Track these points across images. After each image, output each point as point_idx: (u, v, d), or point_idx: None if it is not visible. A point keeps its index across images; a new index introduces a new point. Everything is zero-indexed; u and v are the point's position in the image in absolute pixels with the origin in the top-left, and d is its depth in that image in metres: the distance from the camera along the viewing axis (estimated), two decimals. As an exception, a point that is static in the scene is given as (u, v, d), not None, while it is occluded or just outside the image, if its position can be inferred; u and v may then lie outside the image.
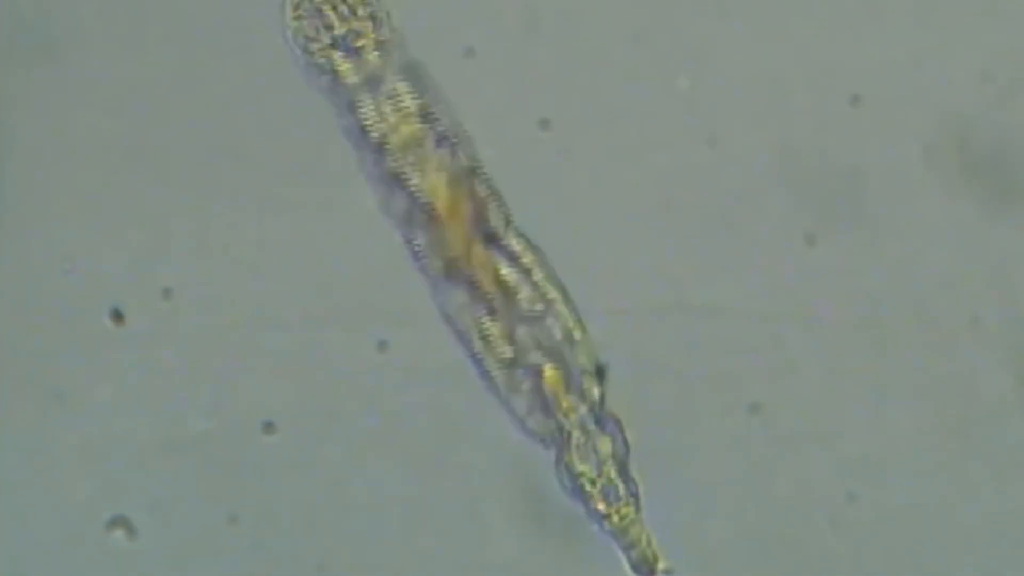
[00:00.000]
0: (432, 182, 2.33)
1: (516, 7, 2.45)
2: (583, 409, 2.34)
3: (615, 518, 2.34)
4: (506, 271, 2.33)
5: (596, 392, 2.35)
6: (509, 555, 2.43)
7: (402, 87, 2.34)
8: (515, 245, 2.34)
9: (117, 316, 2.42)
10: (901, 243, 2.44)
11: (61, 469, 2.43)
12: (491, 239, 2.34)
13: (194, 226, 2.43)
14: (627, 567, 2.37)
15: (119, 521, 2.43)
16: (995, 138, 2.45)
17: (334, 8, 2.34)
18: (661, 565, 2.36)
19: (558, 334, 2.34)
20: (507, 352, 2.33)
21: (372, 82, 2.33)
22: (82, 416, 2.43)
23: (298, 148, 2.43)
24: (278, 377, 2.43)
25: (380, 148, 2.33)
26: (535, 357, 2.34)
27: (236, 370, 2.42)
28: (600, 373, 2.38)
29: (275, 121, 2.43)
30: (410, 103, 2.34)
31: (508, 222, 2.35)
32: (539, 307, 2.33)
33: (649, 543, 2.36)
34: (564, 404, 2.34)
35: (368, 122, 2.33)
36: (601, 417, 2.35)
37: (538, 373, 2.34)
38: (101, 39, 2.45)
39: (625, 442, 2.36)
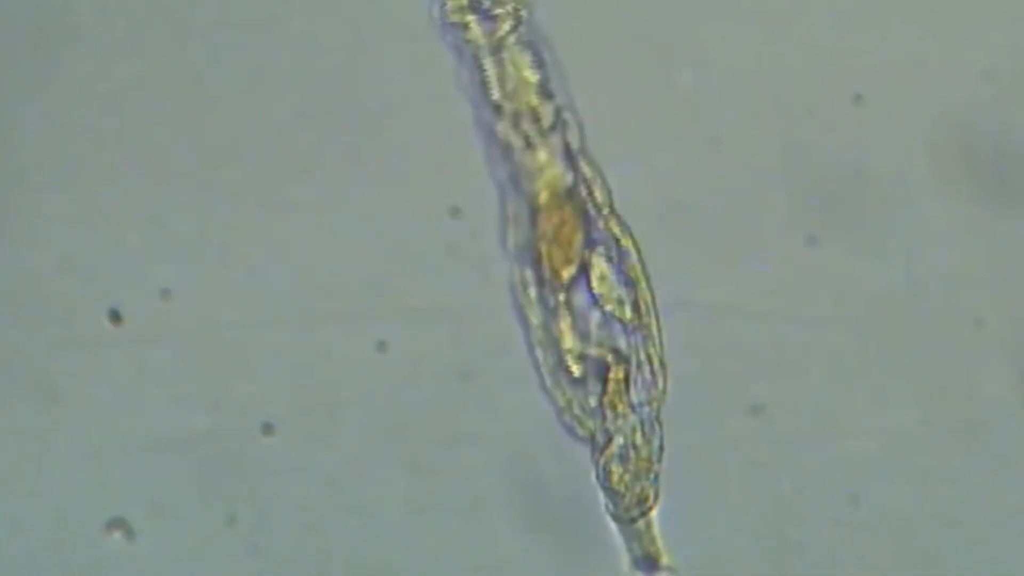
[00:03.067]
0: (540, 164, 2.34)
1: (516, 7, 2.44)
2: (632, 417, 2.35)
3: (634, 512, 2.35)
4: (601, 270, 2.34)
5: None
6: (509, 556, 2.43)
7: (526, 59, 2.35)
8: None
9: (115, 317, 2.42)
10: (903, 243, 2.44)
11: (59, 470, 2.43)
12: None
13: (193, 226, 2.43)
14: (627, 567, 2.37)
15: (117, 523, 2.42)
16: (997, 138, 2.44)
17: None
18: (665, 561, 2.36)
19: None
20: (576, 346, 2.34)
21: (496, 48, 2.34)
22: (80, 417, 2.43)
23: (298, 148, 2.43)
24: (277, 378, 2.43)
25: (497, 109, 2.34)
26: (602, 352, 2.35)
27: (235, 371, 2.42)
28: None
29: (275, 121, 2.43)
30: (531, 74, 2.35)
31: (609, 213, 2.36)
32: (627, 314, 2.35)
33: (654, 541, 2.36)
34: (620, 407, 2.34)
35: (489, 82, 2.34)
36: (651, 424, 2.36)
37: (606, 367, 2.34)
38: (101, 39, 2.45)
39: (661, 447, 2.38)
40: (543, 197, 2.33)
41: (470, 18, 2.32)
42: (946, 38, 2.45)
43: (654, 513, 2.36)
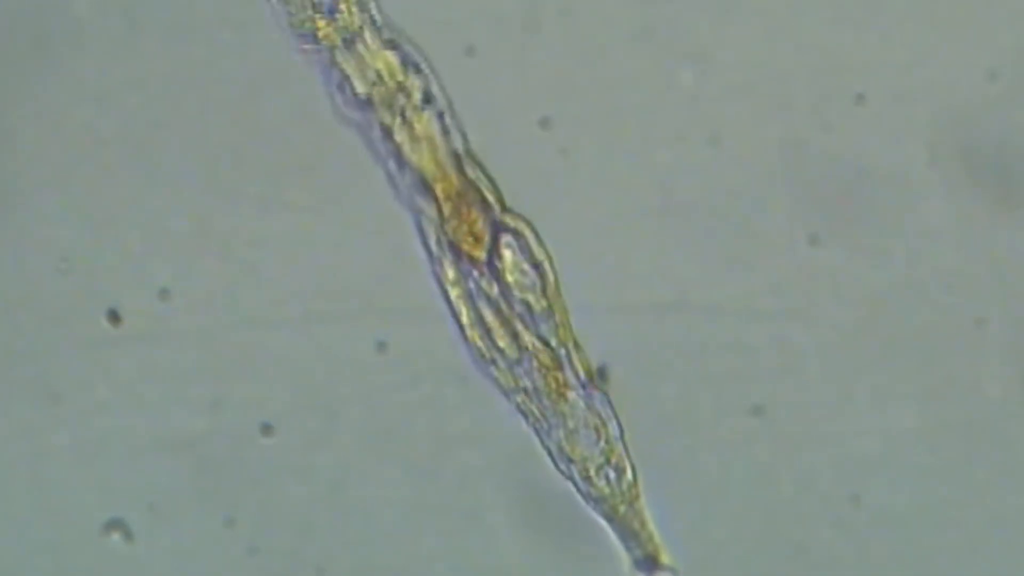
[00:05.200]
0: (421, 151, 2.34)
1: (516, 7, 2.44)
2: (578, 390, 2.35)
3: (620, 507, 2.35)
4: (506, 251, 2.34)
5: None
6: (509, 557, 2.42)
7: (382, 44, 2.35)
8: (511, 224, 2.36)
9: (114, 317, 2.42)
10: (905, 243, 2.43)
11: (57, 471, 2.43)
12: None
13: (192, 226, 2.43)
14: (627, 568, 2.37)
15: (116, 524, 2.42)
16: (1001, 137, 2.44)
17: None
18: (665, 561, 2.35)
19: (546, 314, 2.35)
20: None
21: (350, 40, 2.34)
22: (78, 418, 2.43)
23: (298, 148, 2.43)
24: (276, 379, 2.43)
25: (366, 103, 2.34)
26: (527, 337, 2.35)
27: (234, 371, 2.42)
28: (601, 374, 2.37)
29: (275, 121, 2.43)
30: (394, 59, 2.34)
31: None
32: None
33: (651, 538, 2.36)
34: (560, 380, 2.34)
35: (351, 75, 2.34)
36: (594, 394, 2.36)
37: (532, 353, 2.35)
38: (100, 39, 2.45)
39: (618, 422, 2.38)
40: (430, 169, 2.33)
41: (316, 18, 2.33)
42: (949, 37, 2.44)
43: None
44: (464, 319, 2.36)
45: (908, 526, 2.41)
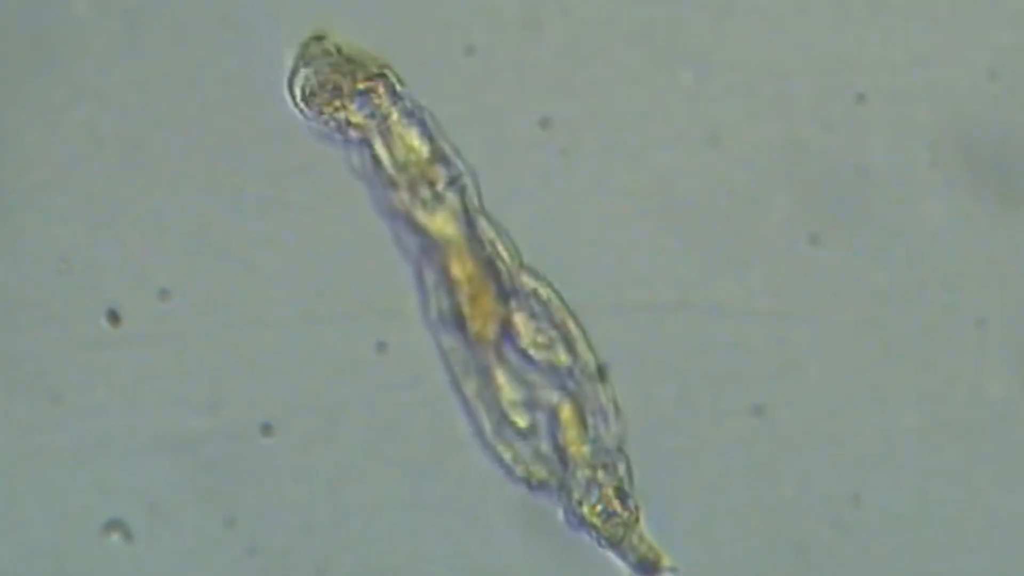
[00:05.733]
0: (440, 227, 2.34)
1: (516, 7, 2.44)
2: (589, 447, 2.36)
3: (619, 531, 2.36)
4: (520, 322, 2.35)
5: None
6: (508, 558, 2.42)
7: (410, 128, 2.36)
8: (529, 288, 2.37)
9: (113, 317, 2.42)
10: (906, 243, 2.43)
11: (57, 471, 2.42)
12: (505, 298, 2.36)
13: (191, 226, 2.43)
14: (628, 569, 2.37)
15: (116, 525, 2.42)
16: (1001, 137, 2.44)
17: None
18: (666, 563, 2.35)
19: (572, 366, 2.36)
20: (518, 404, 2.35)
21: (382, 123, 2.35)
22: (78, 418, 2.42)
23: (297, 148, 2.42)
24: (276, 379, 2.42)
25: (391, 184, 2.35)
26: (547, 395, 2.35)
27: (233, 372, 2.42)
28: (601, 374, 2.37)
29: (274, 121, 2.43)
30: (419, 142, 2.35)
31: (520, 265, 2.37)
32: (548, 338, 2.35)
33: (651, 547, 2.36)
34: (575, 436, 2.35)
35: (380, 157, 2.34)
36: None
37: (554, 411, 2.36)
38: (99, 39, 2.45)
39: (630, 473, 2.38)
40: (451, 258, 2.34)
41: (348, 105, 2.33)
42: (949, 37, 2.44)
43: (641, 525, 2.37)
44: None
45: (908, 526, 2.41)
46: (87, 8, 2.45)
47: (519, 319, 2.35)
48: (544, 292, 2.36)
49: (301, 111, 2.34)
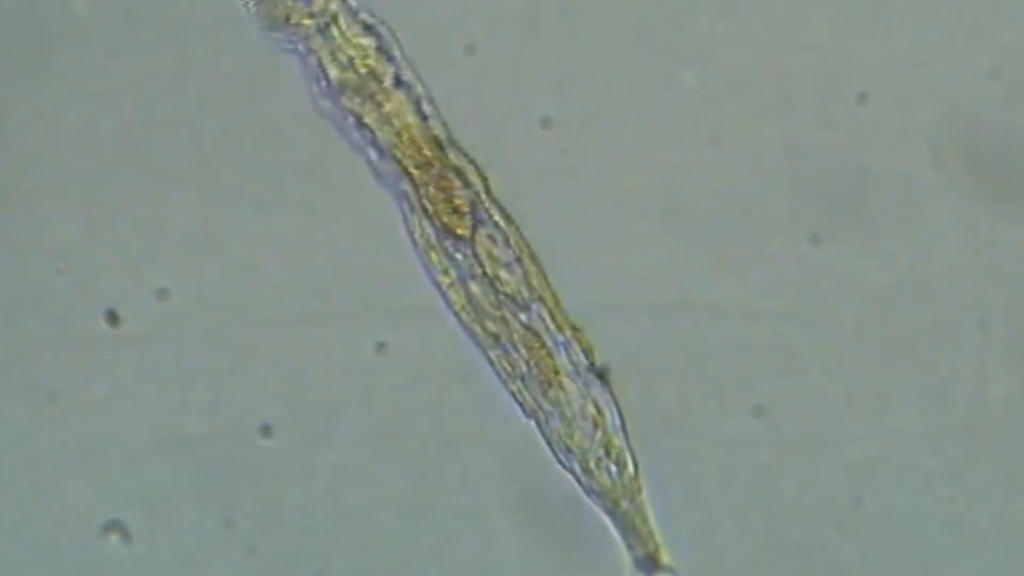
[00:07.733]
0: (396, 107, 2.34)
1: (516, 7, 2.44)
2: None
3: (622, 503, 2.35)
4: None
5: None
6: (509, 558, 2.42)
7: (356, 30, 2.35)
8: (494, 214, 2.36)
9: (112, 318, 2.42)
10: (907, 243, 2.43)
11: (55, 472, 2.42)
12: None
13: (190, 226, 2.43)
14: (628, 569, 2.37)
15: (114, 526, 2.42)
16: (1003, 137, 2.43)
17: None
18: (665, 562, 2.35)
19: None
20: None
21: (326, 26, 2.34)
22: (77, 419, 2.42)
23: (297, 148, 2.43)
24: (275, 379, 2.42)
25: (340, 89, 2.33)
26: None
27: (233, 372, 2.42)
28: (602, 375, 2.37)
29: (273, 121, 2.43)
30: (367, 42, 2.35)
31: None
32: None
33: (652, 536, 2.36)
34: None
35: (325, 61, 2.34)
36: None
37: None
38: (100, 39, 2.45)
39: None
40: (404, 146, 2.33)
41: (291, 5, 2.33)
42: (951, 37, 2.44)
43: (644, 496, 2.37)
44: (456, 304, 2.36)
45: (910, 528, 2.41)
46: (87, 8, 2.45)
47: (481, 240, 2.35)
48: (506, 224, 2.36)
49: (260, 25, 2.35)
